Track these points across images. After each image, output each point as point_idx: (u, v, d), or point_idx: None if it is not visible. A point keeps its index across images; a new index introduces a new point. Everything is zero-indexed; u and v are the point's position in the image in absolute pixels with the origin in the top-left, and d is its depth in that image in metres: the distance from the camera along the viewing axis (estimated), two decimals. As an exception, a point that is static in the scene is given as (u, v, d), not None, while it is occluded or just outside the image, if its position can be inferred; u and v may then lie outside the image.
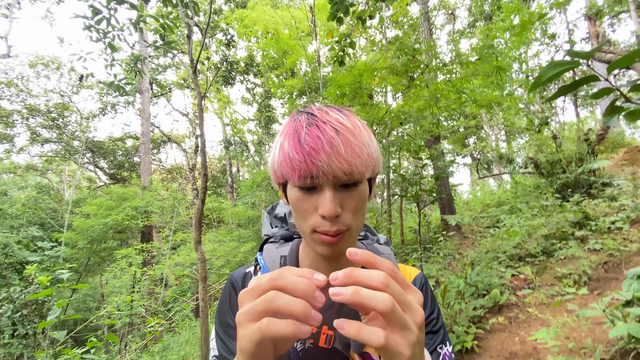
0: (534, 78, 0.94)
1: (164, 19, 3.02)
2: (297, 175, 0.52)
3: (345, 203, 0.55)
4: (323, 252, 0.57)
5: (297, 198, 0.56)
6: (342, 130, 0.54)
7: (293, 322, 0.34)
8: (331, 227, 0.53)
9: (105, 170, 17.13)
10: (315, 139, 0.52)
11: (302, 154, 0.52)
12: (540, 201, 5.23)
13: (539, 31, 9.65)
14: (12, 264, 10.37)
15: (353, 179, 0.53)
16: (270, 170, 0.60)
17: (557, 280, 3.02)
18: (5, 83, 13.97)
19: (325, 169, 0.51)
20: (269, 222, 0.85)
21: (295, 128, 0.55)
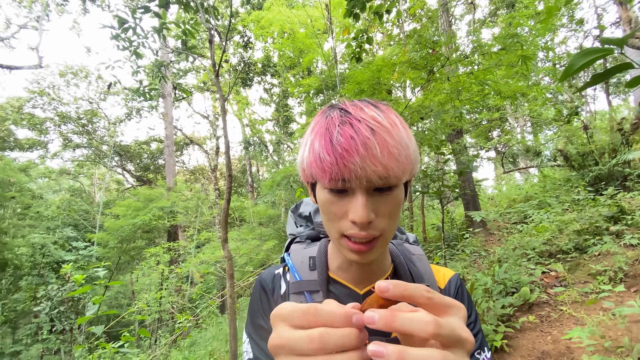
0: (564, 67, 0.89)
1: (185, 25, 3.10)
2: (328, 177, 0.49)
3: (379, 208, 0.51)
4: (354, 259, 0.53)
5: (326, 200, 0.52)
6: (379, 129, 0.49)
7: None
8: (361, 231, 0.50)
9: (132, 172, 17.84)
10: (349, 139, 0.48)
11: (334, 155, 0.48)
12: (572, 195, 5.00)
13: (566, 17, 9.19)
14: (49, 263, 11.02)
15: (389, 183, 0.49)
16: (299, 168, 0.57)
17: (591, 278, 2.88)
18: (38, 92, 14.79)
19: (359, 173, 0.47)
20: (293, 221, 0.84)
21: (327, 126, 0.50)
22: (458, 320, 0.32)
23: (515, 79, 4.09)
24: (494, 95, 4.51)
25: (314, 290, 0.62)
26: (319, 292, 0.61)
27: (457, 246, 5.17)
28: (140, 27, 2.76)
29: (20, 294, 11.13)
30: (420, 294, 0.32)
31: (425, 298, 0.32)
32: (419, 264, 0.67)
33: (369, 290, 0.62)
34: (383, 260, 0.63)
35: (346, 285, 0.62)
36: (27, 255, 10.77)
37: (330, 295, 0.61)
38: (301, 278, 0.64)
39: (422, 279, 0.64)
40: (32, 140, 15.93)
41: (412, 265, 0.66)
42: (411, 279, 0.63)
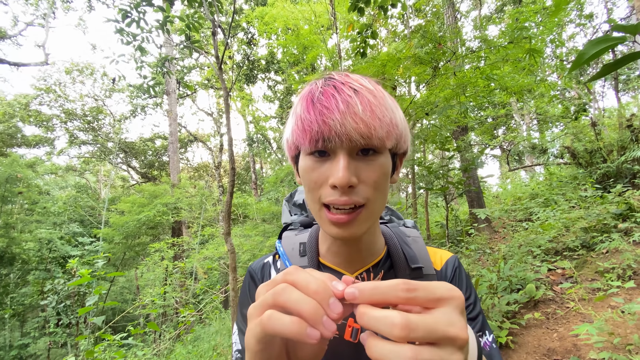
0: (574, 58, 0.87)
1: (189, 19, 3.09)
2: (308, 138, 0.47)
3: (362, 174, 0.48)
4: (334, 234, 0.50)
5: (307, 167, 0.50)
6: (362, 90, 0.47)
7: (299, 320, 0.29)
8: (341, 196, 0.46)
9: (137, 169, 17.96)
10: (329, 97, 0.46)
11: (313, 113, 0.46)
12: (579, 192, 4.93)
13: (574, 12, 9.05)
14: (56, 258, 11.15)
15: (371, 143, 0.47)
16: (284, 143, 0.56)
17: (598, 275, 2.84)
18: (45, 89, 14.91)
19: (339, 130, 0.45)
20: (288, 210, 0.82)
21: (310, 90, 0.49)
22: (449, 313, 0.29)
23: (523, 74, 4.04)
24: (501, 91, 4.45)
25: None
26: None
27: (461, 243, 5.14)
28: (144, 21, 2.76)
29: (28, 288, 11.31)
30: (395, 295, 0.29)
31: (403, 298, 0.29)
32: (414, 245, 0.64)
33: (360, 274, 0.60)
34: (374, 241, 0.60)
35: (336, 269, 0.60)
36: (34, 250, 10.91)
37: None
38: (291, 264, 0.62)
39: (417, 261, 0.61)
40: (39, 137, 16.09)
41: (407, 247, 0.63)
42: (405, 261, 0.60)
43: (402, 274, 0.59)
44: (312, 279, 0.32)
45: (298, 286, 0.31)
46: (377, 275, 0.60)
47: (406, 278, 0.59)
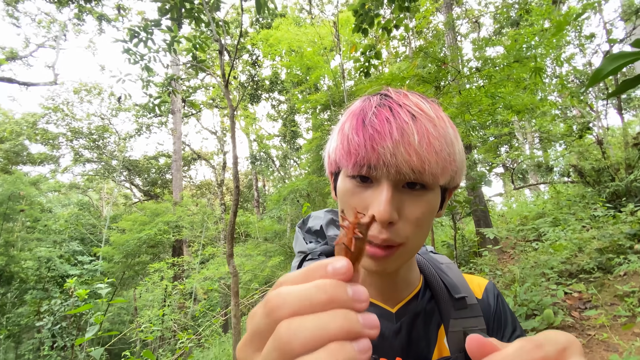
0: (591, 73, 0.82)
1: (196, 39, 3.14)
2: (352, 161, 0.42)
3: (406, 209, 0.43)
4: (366, 266, 0.45)
5: (346, 191, 0.45)
6: (421, 116, 0.42)
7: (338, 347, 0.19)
8: (379, 233, 0.41)
9: (140, 187, 17.99)
10: (384, 121, 0.41)
11: (363, 136, 0.41)
12: (589, 212, 4.82)
13: (573, 32, 9.22)
14: (54, 277, 10.97)
15: (422, 179, 0.41)
16: (325, 156, 0.52)
17: (617, 299, 2.70)
18: (53, 108, 15.19)
19: (388, 160, 0.40)
20: (302, 237, 0.74)
21: (363, 108, 0.45)
22: None
23: (527, 92, 4.03)
24: (504, 109, 4.45)
25: None
26: None
27: (469, 264, 4.99)
28: (152, 40, 2.79)
29: (25, 308, 11.05)
30: (531, 358, 0.22)
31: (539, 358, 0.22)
32: (450, 273, 0.59)
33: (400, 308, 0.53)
34: (409, 272, 0.55)
35: (375, 303, 0.53)
36: (32, 269, 10.74)
37: None
38: None
39: (459, 290, 0.55)
40: (45, 154, 16.26)
41: (444, 275, 0.58)
42: (446, 290, 0.55)
43: (445, 305, 0.53)
44: (310, 288, 0.21)
45: (301, 311, 0.21)
46: (413, 309, 0.54)
47: (450, 309, 0.52)
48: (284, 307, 0.21)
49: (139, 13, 8.91)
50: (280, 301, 0.21)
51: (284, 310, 0.21)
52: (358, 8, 3.44)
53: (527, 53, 3.35)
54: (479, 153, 11.72)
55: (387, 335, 0.52)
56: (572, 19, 5.42)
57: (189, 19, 2.83)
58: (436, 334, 0.53)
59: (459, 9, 13.67)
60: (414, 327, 0.52)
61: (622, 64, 0.81)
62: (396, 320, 0.52)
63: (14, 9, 12.09)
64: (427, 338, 0.52)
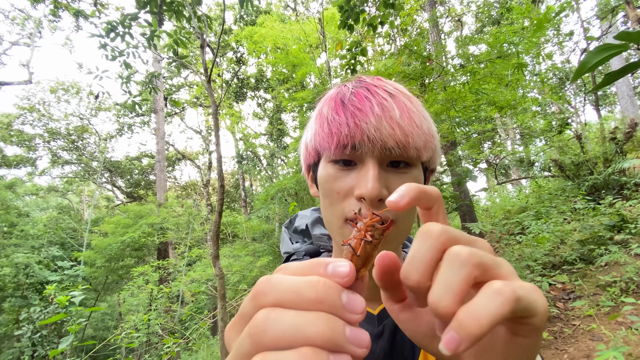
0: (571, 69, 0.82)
1: (177, 34, 3.04)
2: (335, 142, 0.40)
3: (393, 187, 0.41)
4: None
5: (329, 176, 0.43)
6: (398, 94, 0.42)
7: (312, 354, 0.18)
8: (369, 211, 0.40)
9: (122, 189, 17.51)
10: (363, 99, 0.41)
11: (344, 114, 0.40)
12: (570, 205, 4.96)
13: (552, 31, 9.47)
14: (33, 284, 10.56)
15: (407, 154, 0.41)
16: (302, 148, 0.49)
17: (600, 289, 2.78)
18: (28, 109, 14.59)
19: (372, 135, 0.39)
20: (288, 238, 0.73)
21: (339, 90, 0.44)
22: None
23: (510, 87, 4.11)
24: (488, 105, 4.52)
25: None
26: None
27: (456, 259, 5.05)
28: (130, 35, 2.68)
29: (3, 316, 10.61)
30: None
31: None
32: None
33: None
34: None
35: None
36: (10, 276, 10.30)
37: None
38: None
39: None
40: (20, 156, 15.60)
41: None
42: None
43: None
44: (300, 282, 0.20)
45: (285, 303, 0.19)
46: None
47: None
48: (269, 294, 0.20)
49: (117, 8, 8.61)
50: (267, 287, 0.20)
51: (269, 297, 0.20)
52: (343, 4, 3.41)
53: (509, 50, 3.41)
54: (463, 149, 11.94)
55: None
56: (552, 17, 5.55)
57: (169, 13, 2.73)
58: None
59: (442, 8, 13.85)
60: (398, 330, 0.49)
61: (608, 56, 0.81)
62: (378, 323, 0.49)
63: (-16, 5, 11.52)
64: (412, 342, 0.49)
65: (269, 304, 0.20)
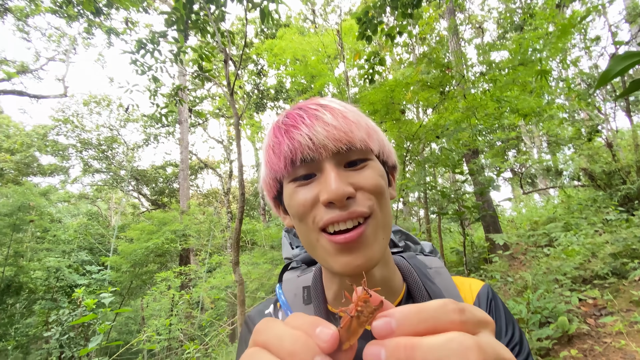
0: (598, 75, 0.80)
1: (202, 49, 3.18)
2: (283, 161, 0.42)
3: (359, 182, 0.41)
4: (343, 265, 0.40)
5: (292, 194, 0.43)
6: (330, 103, 0.45)
7: None
8: (342, 211, 0.39)
9: (147, 196, 18.15)
10: (295, 116, 0.43)
11: (281, 136, 0.43)
12: (601, 216, 4.71)
13: (578, 35, 9.18)
14: (63, 287, 11.03)
15: (356, 147, 0.42)
16: (262, 187, 0.51)
17: (633, 305, 2.61)
18: (63, 120, 15.50)
19: (309, 143, 0.40)
20: (288, 243, 0.72)
21: (276, 121, 0.47)
22: (492, 338, 0.23)
23: (534, 95, 4.00)
24: (511, 113, 4.41)
25: None
26: None
27: (479, 271, 4.89)
28: (158, 51, 2.83)
29: (33, 318, 11.10)
30: (448, 319, 0.21)
31: (457, 322, 0.21)
32: (437, 279, 0.53)
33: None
34: (390, 277, 0.50)
35: None
36: (41, 279, 10.82)
37: None
38: None
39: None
40: (54, 165, 16.53)
41: (429, 282, 0.52)
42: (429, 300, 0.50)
43: None
44: (287, 333, 0.23)
45: (269, 347, 0.23)
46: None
47: None
48: (262, 335, 0.24)
49: (147, 26, 9.12)
50: (263, 328, 0.24)
51: (261, 337, 0.24)
52: (361, 16, 3.47)
53: (532, 57, 3.34)
54: (486, 158, 11.65)
55: (360, 355, 0.46)
56: (577, 21, 5.39)
57: (194, 29, 2.88)
58: None
59: (462, 15, 13.73)
60: None
61: (631, 64, 0.79)
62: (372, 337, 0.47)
63: (24, 24, 12.46)
64: None
65: (260, 343, 0.24)
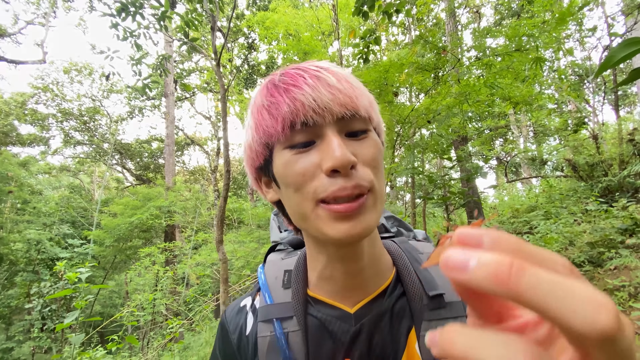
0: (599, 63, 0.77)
1: (188, 16, 3.00)
2: (281, 124, 0.38)
3: (359, 153, 0.39)
4: (343, 233, 0.38)
5: (288, 162, 0.40)
6: (329, 66, 0.41)
7: None
8: (346, 182, 0.37)
9: (132, 171, 17.76)
10: (294, 75, 0.39)
11: (279, 95, 0.39)
12: (581, 206, 4.85)
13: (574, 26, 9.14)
14: (44, 260, 10.87)
15: (360, 115, 0.39)
16: (246, 154, 0.46)
17: (608, 293, 2.72)
18: (42, 88, 14.77)
19: (313, 104, 0.37)
20: (277, 226, 0.70)
21: (268, 80, 0.43)
22: None
23: (527, 83, 3.99)
24: (502, 100, 4.40)
25: (285, 317, 0.46)
26: (293, 318, 0.46)
27: (461, 255, 5.02)
28: (141, 15, 2.66)
29: (15, 290, 10.99)
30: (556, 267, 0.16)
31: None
32: None
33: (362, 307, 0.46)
34: (378, 258, 0.47)
35: (331, 303, 0.46)
36: (22, 251, 10.63)
37: (309, 320, 0.46)
38: (272, 300, 0.49)
39: (436, 286, 0.47)
40: (34, 135, 15.89)
41: (420, 267, 0.50)
42: (420, 286, 0.47)
43: (417, 304, 0.46)
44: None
45: None
46: (377, 308, 0.47)
47: (422, 309, 0.44)
48: None
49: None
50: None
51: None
52: (358, -11, 3.32)
53: (528, 44, 3.29)
54: (474, 145, 11.77)
55: (343, 341, 0.45)
56: (575, 11, 5.33)
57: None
58: (405, 339, 0.45)
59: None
60: (377, 330, 0.45)
61: (635, 51, 0.75)
62: (355, 322, 0.45)
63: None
64: (394, 343, 0.45)
65: None
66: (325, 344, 0.45)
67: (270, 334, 0.46)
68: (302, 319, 0.46)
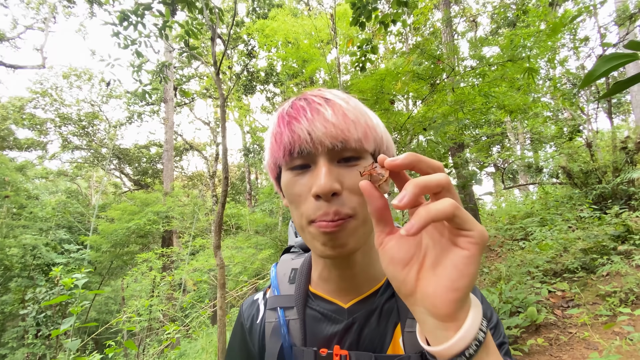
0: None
1: (189, 25, 3.06)
2: (282, 151, 0.45)
3: (347, 181, 0.44)
4: (322, 250, 0.45)
5: (288, 182, 0.47)
6: (334, 98, 0.46)
7: None
8: (328, 208, 0.42)
9: (130, 176, 17.72)
10: (299, 108, 0.46)
11: (282, 125, 0.45)
12: (576, 213, 4.90)
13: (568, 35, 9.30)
14: (40, 265, 10.78)
15: (350, 146, 0.44)
16: (266, 167, 0.54)
17: (599, 299, 2.76)
18: (41, 93, 14.78)
19: (307, 137, 0.43)
20: (293, 232, 0.77)
21: (281, 109, 0.49)
22: None
23: (521, 92, 4.06)
24: (498, 108, 4.47)
25: (288, 307, 0.55)
26: (293, 308, 0.54)
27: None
28: (143, 24, 2.71)
29: (9, 295, 10.86)
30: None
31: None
32: None
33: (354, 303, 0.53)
34: (371, 264, 0.54)
35: (328, 299, 0.54)
36: (17, 257, 10.53)
37: (308, 311, 0.54)
38: (279, 292, 0.58)
39: None
40: (32, 140, 15.86)
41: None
42: None
43: (403, 304, 0.51)
44: None
45: None
46: (369, 305, 0.53)
47: (408, 308, 0.49)
48: None
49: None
50: None
51: None
52: (356, 1, 3.40)
53: (522, 54, 3.36)
54: (471, 152, 11.84)
55: (336, 332, 0.51)
56: (568, 21, 5.44)
57: (181, 3, 2.75)
58: (392, 333, 0.51)
59: (457, 7, 13.67)
60: (367, 324, 0.51)
61: (616, 66, 0.80)
62: (348, 316, 0.51)
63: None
64: (381, 336, 0.51)
65: None
66: (321, 332, 0.52)
67: (275, 320, 0.55)
68: (301, 310, 0.54)
